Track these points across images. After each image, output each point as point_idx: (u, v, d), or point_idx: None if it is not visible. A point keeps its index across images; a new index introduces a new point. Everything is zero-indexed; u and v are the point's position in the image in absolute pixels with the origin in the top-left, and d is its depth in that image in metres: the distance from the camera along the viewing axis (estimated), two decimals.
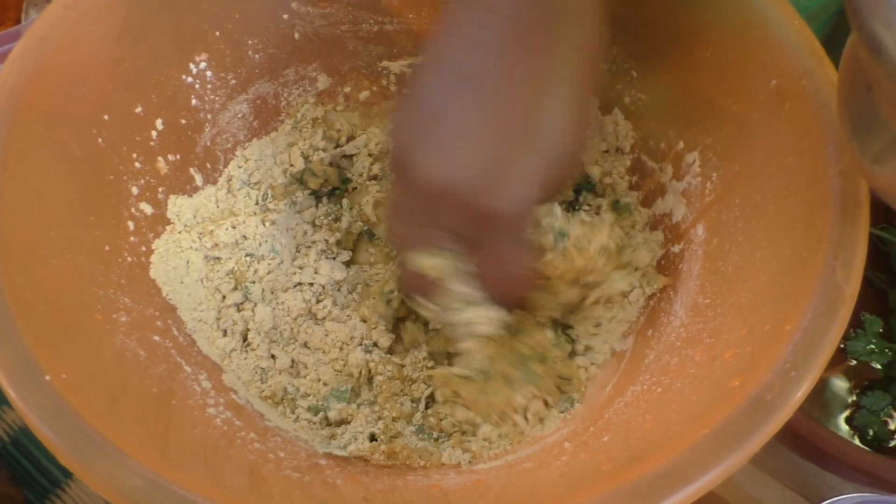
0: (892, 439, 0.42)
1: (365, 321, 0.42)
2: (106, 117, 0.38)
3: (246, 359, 0.40)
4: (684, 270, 0.39)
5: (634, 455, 0.26)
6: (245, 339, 0.41)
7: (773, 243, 0.32)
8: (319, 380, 0.41)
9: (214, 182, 0.45)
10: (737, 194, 0.37)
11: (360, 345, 0.41)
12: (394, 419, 0.39)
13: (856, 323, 0.45)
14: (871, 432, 0.42)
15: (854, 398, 0.44)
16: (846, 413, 0.44)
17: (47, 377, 0.27)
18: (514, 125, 0.31)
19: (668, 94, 0.43)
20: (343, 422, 0.39)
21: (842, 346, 0.45)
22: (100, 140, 0.38)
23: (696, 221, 0.39)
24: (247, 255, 0.43)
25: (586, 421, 0.35)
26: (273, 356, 0.41)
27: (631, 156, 0.45)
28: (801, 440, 0.38)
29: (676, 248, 0.40)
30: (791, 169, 0.33)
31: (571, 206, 0.45)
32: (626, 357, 0.39)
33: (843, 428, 0.44)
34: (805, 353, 0.27)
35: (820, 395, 0.44)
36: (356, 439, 0.37)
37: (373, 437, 0.38)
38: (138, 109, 0.40)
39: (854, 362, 0.45)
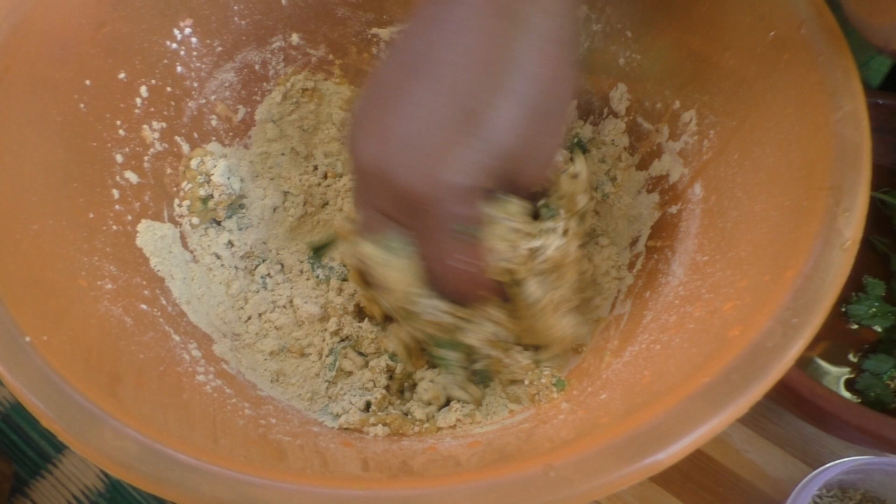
0: (894, 402, 0.42)
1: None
2: (88, 82, 0.38)
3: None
4: (682, 230, 0.38)
5: (633, 406, 0.26)
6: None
7: (773, 195, 0.32)
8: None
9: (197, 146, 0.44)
10: (735, 149, 0.36)
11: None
12: (386, 389, 0.38)
13: (858, 287, 0.45)
14: (872, 395, 0.41)
15: (855, 360, 0.43)
16: (845, 377, 0.43)
17: (28, 338, 0.27)
18: (458, 110, 0.29)
19: (664, 54, 0.42)
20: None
21: (843, 309, 0.45)
22: (82, 105, 0.37)
23: (693, 180, 0.39)
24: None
25: (583, 383, 0.35)
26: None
27: (626, 118, 0.44)
28: (803, 401, 0.37)
29: (674, 209, 0.40)
30: (791, 119, 0.32)
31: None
32: (623, 319, 0.38)
33: (845, 394, 0.43)
34: (807, 299, 0.26)
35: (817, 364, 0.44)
36: (347, 411, 0.37)
37: (368, 406, 0.38)
38: (121, 75, 0.40)
39: (856, 326, 0.45)
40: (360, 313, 0.42)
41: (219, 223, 0.44)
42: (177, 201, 0.42)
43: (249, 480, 0.23)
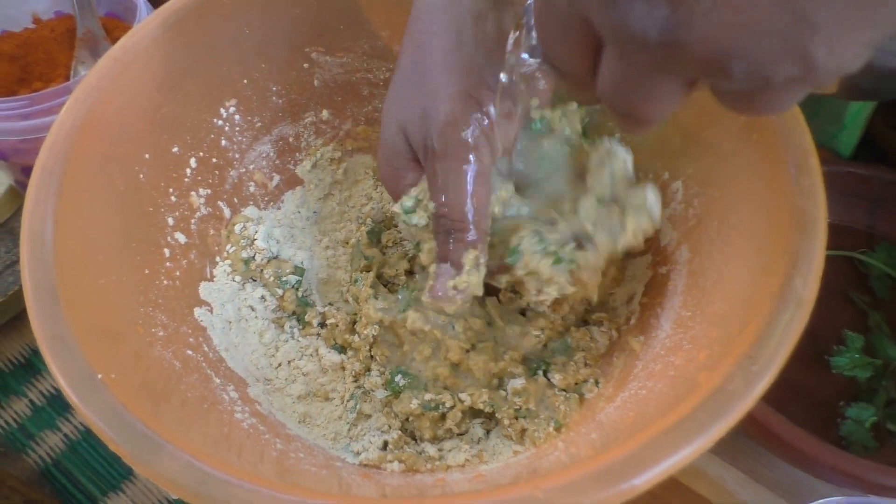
0: (875, 448, 0.45)
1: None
2: (147, 156, 0.44)
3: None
4: (670, 289, 0.43)
5: (614, 441, 0.30)
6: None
7: (744, 257, 0.36)
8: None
9: (238, 211, 0.50)
10: (714, 217, 0.41)
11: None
12: (403, 428, 0.43)
13: (839, 340, 0.49)
14: (854, 440, 0.45)
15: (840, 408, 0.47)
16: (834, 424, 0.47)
17: (99, 376, 0.32)
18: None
19: (657, 128, 0.47)
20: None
21: (827, 358, 0.49)
22: (141, 176, 0.43)
23: (680, 244, 0.43)
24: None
25: (580, 426, 0.39)
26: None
27: None
28: (786, 446, 0.41)
29: (664, 269, 0.44)
30: (759, 191, 0.37)
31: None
32: (619, 367, 0.42)
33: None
34: (765, 349, 0.30)
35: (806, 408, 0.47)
36: (367, 449, 0.41)
37: (385, 445, 0.42)
38: (175, 149, 0.46)
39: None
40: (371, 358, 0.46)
41: (254, 280, 0.49)
42: (218, 259, 0.48)
43: (286, 499, 0.28)
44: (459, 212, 0.38)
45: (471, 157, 0.38)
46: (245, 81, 0.49)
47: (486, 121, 0.38)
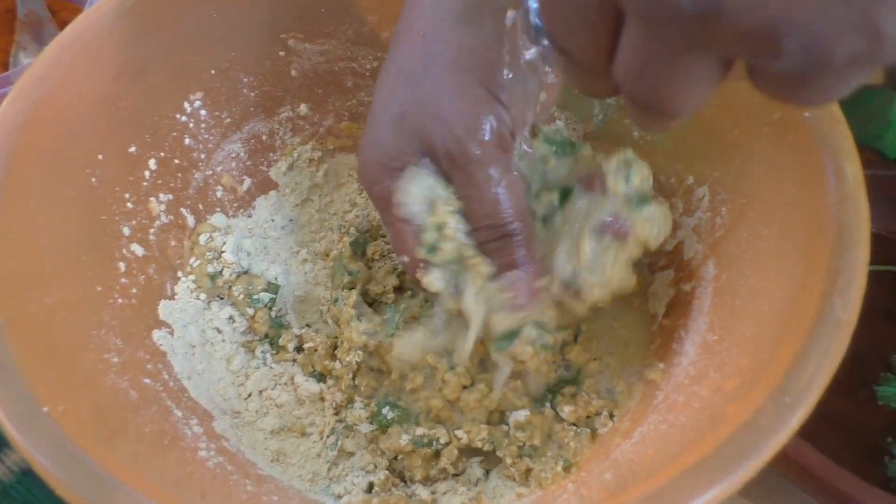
0: None
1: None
2: (100, 157, 0.44)
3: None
4: (695, 308, 0.44)
5: (629, 482, 0.31)
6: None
7: (776, 274, 0.37)
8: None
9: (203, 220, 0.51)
10: (744, 227, 0.42)
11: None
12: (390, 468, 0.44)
13: (886, 366, 0.50)
14: None
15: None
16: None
17: (45, 409, 0.32)
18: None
19: (676, 128, 0.48)
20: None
21: (872, 387, 0.49)
22: (94, 180, 0.44)
23: (706, 257, 0.44)
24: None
25: (591, 465, 0.40)
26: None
27: None
28: (824, 486, 0.42)
29: (688, 287, 0.45)
30: (792, 200, 0.38)
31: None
32: (636, 399, 0.43)
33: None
34: (800, 379, 0.31)
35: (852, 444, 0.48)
36: (349, 492, 0.42)
37: (370, 488, 0.43)
38: (132, 149, 0.46)
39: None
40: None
41: (221, 298, 0.50)
42: (180, 274, 0.48)
43: None
44: (516, 212, 0.40)
45: (506, 158, 0.39)
46: (212, 72, 0.50)
47: (508, 117, 0.39)
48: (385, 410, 0.45)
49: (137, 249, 0.46)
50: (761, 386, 0.32)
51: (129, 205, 0.46)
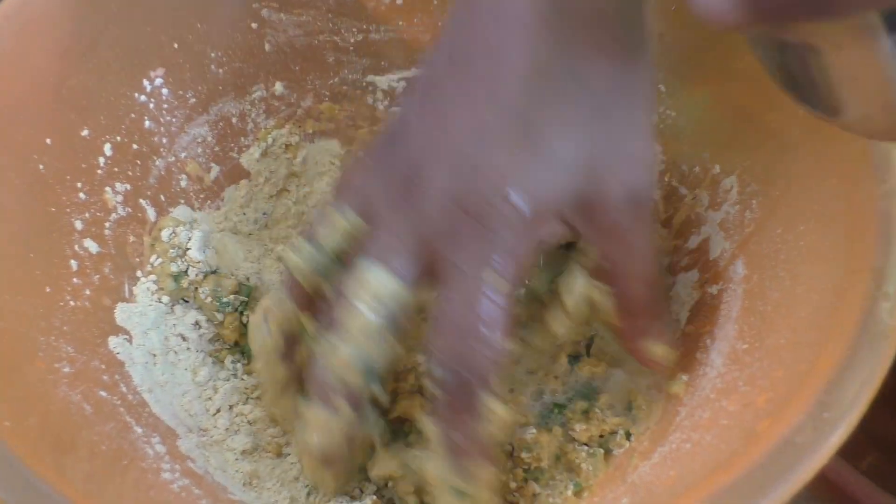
0: None
1: None
2: (48, 141, 0.44)
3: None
4: (722, 314, 0.44)
5: None
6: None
7: (815, 275, 0.37)
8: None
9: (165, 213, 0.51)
10: (778, 223, 0.42)
11: None
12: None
13: None
14: None
15: None
16: None
17: None
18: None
19: (701, 110, 0.48)
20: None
21: None
22: (41, 167, 0.44)
23: (735, 256, 0.44)
24: None
25: (606, 489, 0.40)
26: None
27: (661, 183, 0.50)
28: None
29: (714, 289, 0.45)
30: (832, 192, 0.38)
31: None
32: (656, 415, 0.43)
33: None
34: (841, 393, 0.31)
35: None
36: None
37: None
38: (84, 132, 0.46)
39: None
40: None
41: (186, 301, 0.50)
42: (140, 273, 0.48)
43: None
44: None
45: None
46: (176, 46, 0.50)
47: None
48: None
49: (91, 246, 0.46)
50: (797, 400, 0.32)
51: (82, 195, 0.46)
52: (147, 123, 0.50)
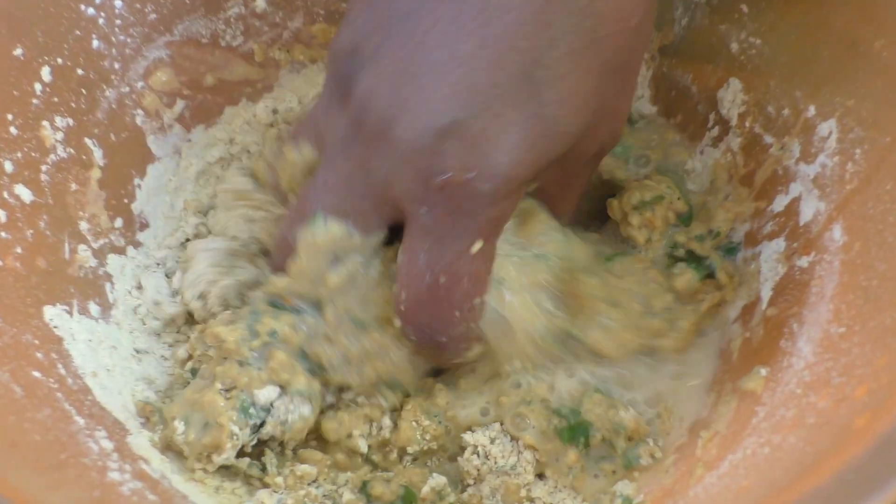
0: None
1: None
2: None
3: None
4: (814, 292, 0.44)
5: None
6: None
7: None
8: None
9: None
10: (887, 177, 0.42)
11: None
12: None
13: None
14: None
15: None
16: None
17: None
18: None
19: (793, 38, 0.48)
20: None
21: None
22: None
23: (831, 220, 0.45)
24: None
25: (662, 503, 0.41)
26: None
27: (740, 129, 0.51)
28: None
29: (804, 262, 0.46)
30: None
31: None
32: (726, 418, 0.44)
33: None
34: None
35: None
36: None
37: None
38: (18, 51, 0.47)
39: None
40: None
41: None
42: (86, 227, 0.49)
43: None
44: None
45: None
46: None
47: None
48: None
49: (23, 193, 0.46)
50: None
51: (13, 129, 0.46)
52: (95, 43, 0.50)
